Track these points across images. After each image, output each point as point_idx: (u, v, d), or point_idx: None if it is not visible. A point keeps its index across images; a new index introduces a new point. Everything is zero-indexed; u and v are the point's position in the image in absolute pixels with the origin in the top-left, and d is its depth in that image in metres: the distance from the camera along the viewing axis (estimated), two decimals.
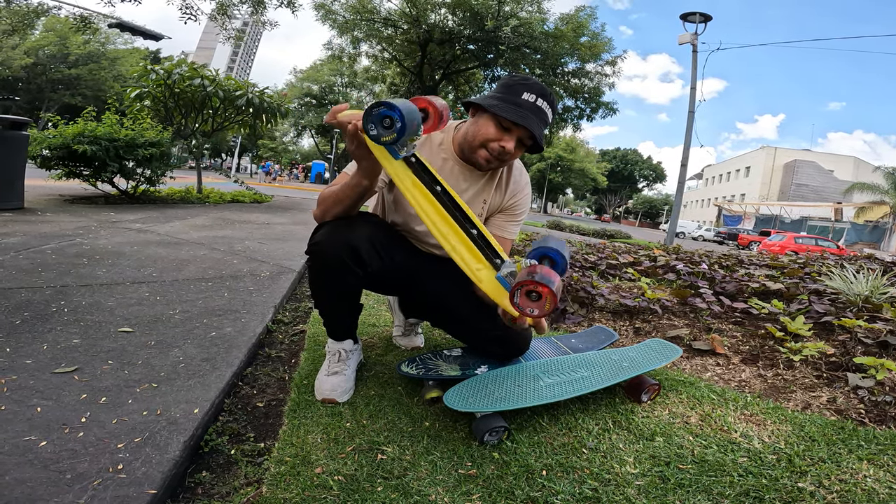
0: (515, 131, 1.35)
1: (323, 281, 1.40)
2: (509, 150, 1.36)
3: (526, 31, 16.40)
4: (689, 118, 12.47)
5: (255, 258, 3.30)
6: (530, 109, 1.33)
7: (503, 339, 1.54)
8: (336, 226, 1.34)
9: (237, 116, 8.48)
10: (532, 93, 1.34)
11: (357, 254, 1.31)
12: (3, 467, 0.95)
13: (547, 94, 1.36)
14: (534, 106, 1.33)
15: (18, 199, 4.71)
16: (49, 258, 2.68)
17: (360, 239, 1.32)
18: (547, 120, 1.37)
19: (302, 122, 43.25)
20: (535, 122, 1.33)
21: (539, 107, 1.34)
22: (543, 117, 1.36)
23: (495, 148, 1.36)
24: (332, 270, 1.34)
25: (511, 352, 1.59)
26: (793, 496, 1.07)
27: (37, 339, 1.58)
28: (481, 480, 1.10)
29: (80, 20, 11.02)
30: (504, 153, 1.37)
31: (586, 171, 54.71)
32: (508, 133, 1.36)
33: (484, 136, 1.37)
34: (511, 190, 1.56)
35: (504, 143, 1.35)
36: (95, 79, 36.76)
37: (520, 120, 1.31)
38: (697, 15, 12.27)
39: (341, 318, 1.52)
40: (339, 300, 1.44)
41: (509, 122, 1.33)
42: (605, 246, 5.86)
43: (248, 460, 1.14)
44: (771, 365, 1.94)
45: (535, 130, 1.32)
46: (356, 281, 1.38)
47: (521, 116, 1.32)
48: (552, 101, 1.38)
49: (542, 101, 1.34)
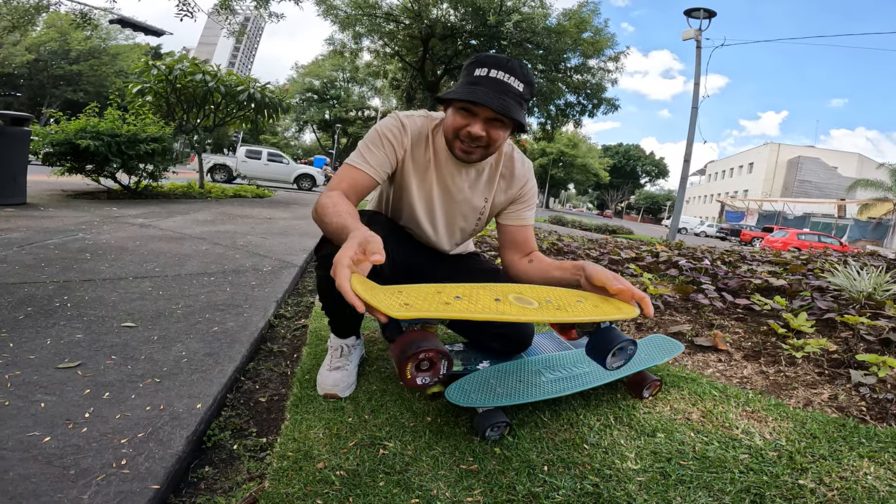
0: (478, 112, 1.26)
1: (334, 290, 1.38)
2: (478, 134, 1.27)
3: (528, 27, 16.33)
4: (693, 114, 12.42)
5: (257, 253, 3.30)
6: (484, 83, 1.23)
7: (504, 335, 1.54)
8: None
9: (239, 112, 8.48)
10: (484, 66, 1.24)
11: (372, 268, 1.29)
12: (8, 463, 0.96)
13: (502, 63, 1.25)
14: (487, 79, 1.23)
15: (21, 194, 4.72)
16: (52, 253, 2.68)
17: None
18: (510, 89, 1.24)
19: (303, 117, 43.23)
20: (492, 95, 1.22)
21: (494, 78, 1.23)
22: (503, 87, 1.23)
23: (465, 135, 1.29)
24: None
25: (512, 348, 1.58)
26: (793, 493, 1.08)
27: (40, 335, 1.59)
28: (483, 475, 1.11)
29: (81, 16, 11.01)
30: (475, 138, 1.28)
31: (588, 166, 54.57)
32: (472, 116, 1.27)
33: (451, 126, 1.31)
34: (516, 182, 1.53)
35: (470, 128, 1.27)
36: (97, 75, 36.76)
37: (469, 97, 1.22)
38: (702, 11, 12.20)
39: (348, 319, 1.52)
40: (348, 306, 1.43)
41: (465, 103, 1.25)
42: (608, 241, 5.86)
43: (250, 455, 1.15)
44: (773, 362, 1.94)
45: (490, 103, 1.21)
46: None
47: (471, 93, 1.22)
48: (512, 67, 1.25)
49: (497, 72, 1.23)
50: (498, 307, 1.00)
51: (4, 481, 0.91)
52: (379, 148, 1.37)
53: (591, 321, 1.11)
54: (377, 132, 1.39)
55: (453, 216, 1.55)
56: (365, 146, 1.38)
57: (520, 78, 1.26)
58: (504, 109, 1.22)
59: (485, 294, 1.06)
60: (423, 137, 1.44)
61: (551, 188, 59.32)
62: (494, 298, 1.04)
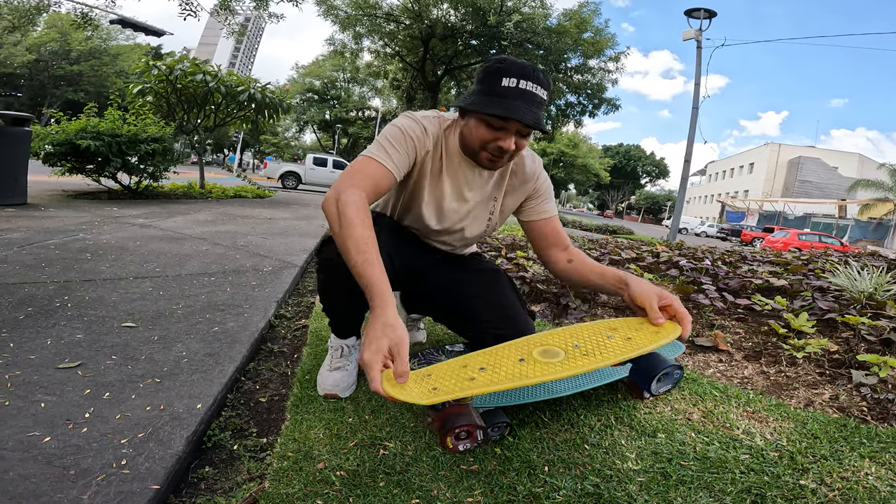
0: (508, 126, 1.24)
1: (336, 293, 1.38)
2: (508, 148, 1.25)
3: (529, 27, 16.34)
4: (693, 114, 12.42)
5: (257, 253, 3.30)
6: (515, 96, 1.20)
7: (505, 336, 1.53)
8: None
9: (239, 112, 8.49)
10: (511, 76, 1.20)
11: None
12: (8, 463, 0.96)
13: (529, 72, 1.21)
14: (517, 91, 1.20)
15: (22, 194, 4.73)
16: (52, 253, 2.68)
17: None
18: (538, 99, 1.22)
19: (304, 117, 43.26)
20: (524, 109, 1.20)
21: (523, 90, 1.20)
22: (533, 98, 1.21)
23: (494, 148, 1.27)
24: (346, 284, 1.30)
25: None
26: (794, 493, 1.07)
27: (40, 335, 1.59)
28: (483, 476, 1.10)
29: (82, 17, 11.02)
30: (504, 151, 1.27)
31: (589, 166, 54.53)
32: (501, 130, 1.24)
33: (478, 139, 1.28)
34: (527, 180, 1.50)
35: (500, 143, 1.25)
36: (98, 75, 36.84)
37: (505, 113, 1.19)
38: (702, 11, 12.20)
39: (349, 320, 1.51)
40: (350, 308, 1.44)
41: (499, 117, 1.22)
42: (608, 241, 5.85)
43: (250, 455, 1.15)
44: (774, 362, 1.93)
45: (526, 119, 1.19)
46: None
47: (505, 109, 1.20)
48: (538, 76, 1.22)
49: (525, 83, 1.20)
50: (522, 370, 1.00)
51: (4, 481, 0.90)
52: (402, 146, 1.31)
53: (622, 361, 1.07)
54: (400, 130, 1.32)
55: (464, 218, 1.51)
56: (386, 141, 1.30)
57: (543, 86, 1.24)
58: (538, 123, 1.20)
59: (509, 356, 1.06)
60: (438, 140, 1.40)
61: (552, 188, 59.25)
62: (519, 359, 1.04)
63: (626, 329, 1.14)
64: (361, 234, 1.10)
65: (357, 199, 1.15)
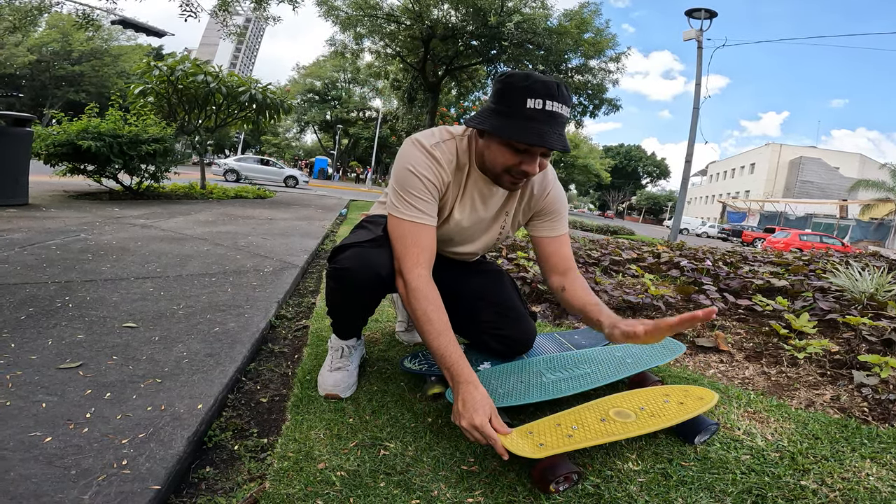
0: (534, 151, 1.19)
1: (344, 300, 1.38)
2: (533, 173, 1.21)
3: (529, 27, 16.32)
4: (694, 114, 12.41)
5: (258, 254, 3.30)
6: (542, 121, 1.14)
7: (507, 336, 1.53)
8: (363, 252, 1.29)
9: (240, 112, 8.50)
10: (538, 97, 1.13)
11: (383, 281, 1.29)
12: (9, 463, 0.96)
13: (553, 92, 1.14)
14: (544, 113, 1.13)
15: (23, 195, 4.73)
16: (54, 254, 2.69)
17: (388, 266, 1.28)
18: (563, 120, 1.17)
19: (305, 118, 43.29)
20: (553, 135, 1.14)
21: (550, 112, 1.13)
22: (559, 119, 1.16)
23: (518, 172, 1.22)
24: (357, 294, 1.33)
25: (515, 349, 1.58)
26: (795, 494, 1.07)
27: (42, 335, 1.59)
28: (483, 476, 1.11)
29: (83, 17, 11.03)
30: (529, 175, 1.24)
31: (590, 167, 54.50)
32: (526, 153, 1.19)
33: (502, 163, 1.23)
34: (538, 193, 1.45)
35: (525, 167, 1.20)
36: (99, 75, 36.89)
37: (535, 141, 1.14)
38: (703, 11, 12.19)
39: (353, 324, 1.51)
40: (357, 314, 1.45)
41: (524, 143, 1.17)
42: (609, 242, 5.85)
43: (251, 456, 1.15)
44: (775, 362, 1.93)
45: (555, 145, 1.14)
46: (378, 300, 1.39)
47: (534, 135, 1.14)
48: (562, 93, 1.15)
49: (552, 103, 1.13)
50: (607, 428, 1.17)
51: (5, 481, 0.91)
52: (426, 193, 1.28)
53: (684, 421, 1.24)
54: (416, 177, 1.27)
55: (478, 232, 1.49)
56: (409, 195, 1.27)
57: (567, 103, 1.17)
58: (566, 147, 1.15)
59: (591, 416, 1.23)
60: (453, 161, 1.34)
61: None
62: (600, 419, 1.21)
63: (675, 395, 1.36)
64: (438, 318, 1.22)
65: (422, 285, 1.24)
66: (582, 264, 3.74)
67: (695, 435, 1.26)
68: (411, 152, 1.30)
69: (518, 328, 1.52)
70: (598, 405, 1.29)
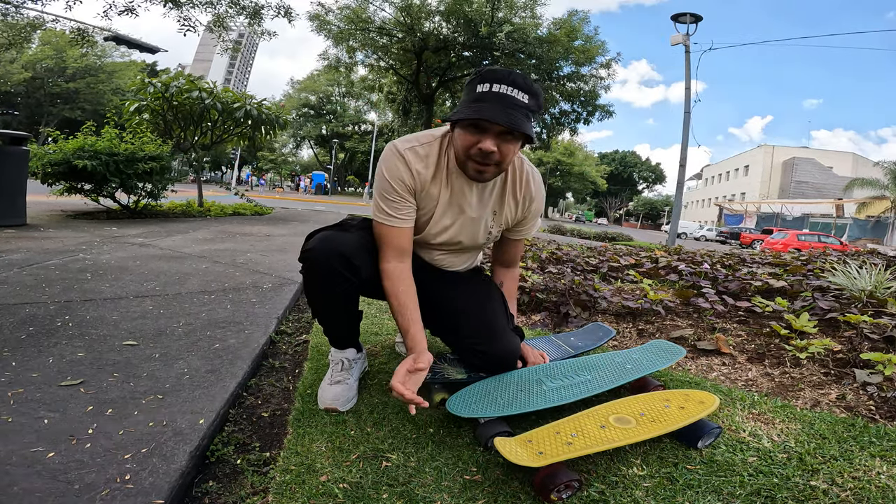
0: (487, 128, 1.24)
1: (316, 288, 1.40)
2: (489, 149, 1.24)
3: (520, 37, 16.46)
4: (686, 118, 12.50)
5: (257, 270, 3.30)
6: (489, 99, 1.20)
7: (484, 352, 1.48)
8: (328, 234, 1.37)
9: (236, 129, 8.50)
10: (486, 82, 1.22)
11: (348, 261, 1.33)
12: (12, 478, 0.95)
13: (505, 76, 1.22)
14: (491, 94, 1.20)
15: (21, 215, 4.72)
16: (53, 274, 2.68)
17: (351, 246, 1.35)
18: (516, 102, 1.21)
19: (301, 132, 43.47)
20: (499, 110, 1.19)
21: (497, 92, 1.20)
22: (509, 101, 1.20)
23: (476, 153, 1.26)
24: (324, 277, 1.35)
25: (492, 365, 1.51)
26: (805, 494, 1.07)
27: (42, 353, 1.58)
28: (486, 486, 1.10)
29: (79, 33, 11.05)
30: (487, 154, 1.25)
31: (586, 174, 54.77)
32: (482, 132, 1.24)
33: (462, 146, 1.28)
34: (527, 199, 1.51)
35: (481, 145, 1.24)
36: (94, 92, 36.98)
37: (476, 114, 1.20)
38: (688, 15, 12.32)
39: (339, 325, 1.51)
40: (334, 307, 1.44)
41: (474, 121, 1.23)
42: (607, 249, 5.86)
43: (253, 469, 1.14)
44: (777, 363, 1.93)
45: (499, 119, 1.18)
46: (348, 287, 1.38)
47: (478, 110, 1.20)
48: (515, 80, 1.22)
49: (500, 86, 1.20)
50: (607, 435, 1.17)
51: (9, 496, 0.90)
52: (399, 196, 1.37)
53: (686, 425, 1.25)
54: (388, 182, 1.37)
55: (465, 234, 1.51)
56: (383, 198, 1.38)
57: (524, 90, 1.22)
58: (512, 123, 1.19)
59: (591, 423, 1.23)
60: (433, 161, 1.40)
61: (549, 198, 59.44)
62: (600, 426, 1.22)
63: (675, 399, 1.36)
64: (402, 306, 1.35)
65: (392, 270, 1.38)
66: (580, 272, 3.74)
67: (697, 439, 1.25)
68: (386, 157, 1.40)
69: (497, 345, 1.48)
70: (597, 412, 1.30)
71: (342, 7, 17.59)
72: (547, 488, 1.04)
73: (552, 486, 1.03)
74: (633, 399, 1.38)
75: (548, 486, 1.04)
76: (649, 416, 1.26)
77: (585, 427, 1.21)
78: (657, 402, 1.35)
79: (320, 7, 17.45)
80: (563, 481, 1.04)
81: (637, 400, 1.37)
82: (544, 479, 1.05)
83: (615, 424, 1.22)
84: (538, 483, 1.06)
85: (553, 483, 1.04)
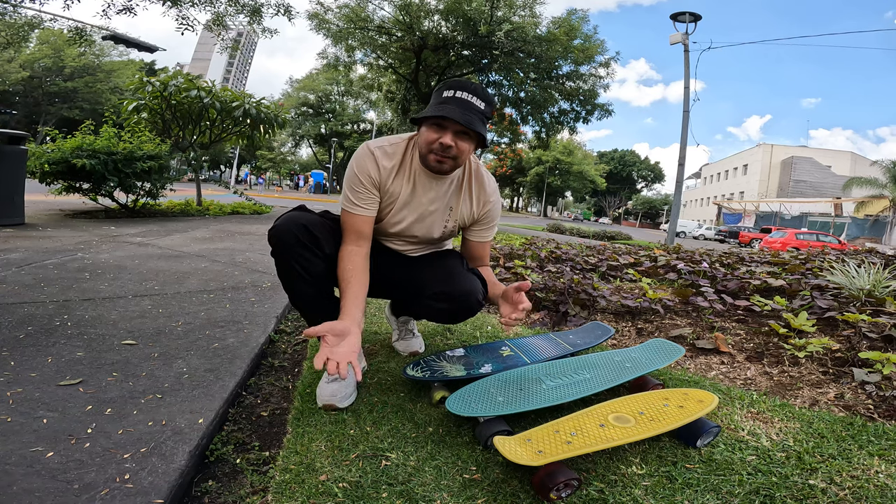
0: (447, 126, 1.42)
1: (284, 264, 1.49)
2: (448, 144, 1.42)
3: (519, 36, 16.41)
4: (685, 118, 12.50)
5: (256, 269, 3.30)
6: (452, 102, 1.42)
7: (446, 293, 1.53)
8: (292, 213, 1.50)
9: (235, 128, 8.48)
10: (451, 89, 1.46)
11: (309, 231, 1.45)
12: (11, 478, 0.95)
13: (467, 85, 1.46)
14: (454, 98, 1.42)
15: (19, 214, 4.72)
16: (51, 273, 2.68)
17: (312, 221, 1.47)
18: (473, 108, 1.42)
19: (299, 131, 43.37)
20: (459, 112, 1.39)
21: (459, 98, 1.42)
22: (469, 106, 1.42)
23: (437, 147, 1.43)
24: (289, 248, 1.44)
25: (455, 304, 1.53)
26: (804, 493, 1.07)
27: (41, 353, 1.58)
28: (486, 484, 1.10)
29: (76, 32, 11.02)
30: (446, 148, 1.43)
31: (585, 173, 54.69)
32: (443, 130, 1.43)
33: (425, 141, 1.45)
34: (481, 199, 1.65)
35: (442, 140, 1.42)
36: (92, 91, 36.87)
37: (439, 112, 1.39)
38: (687, 15, 12.32)
39: (315, 307, 1.53)
40: (303, 284, 1.49)
41: (436, 118, 1.41)
42: (606, 248, 5.86)
43: (253, 469, 1.14)
44: (776, 362, 1.93)
45: (458, 118, 1.37)
46: (313, 258, 1.46)
47: (440, 110, 1.40)
48: (474, 89, 1.46)
49: (461, 93, 1.43)
50: (606, 434, 1.18)
51: (9, 495, 0.90)
52: (362, 187, 1.52)
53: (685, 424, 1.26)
54: (354, 174, 1.53)
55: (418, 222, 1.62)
56: (350, 189, 1.53)
57: (481, 97, 1.45)
58: (469, 123, 1.39)
59: (590, 422, 1.24)
60: (398, 159, 1.56)
61: (549, 196, 59.43)
62: (599, 424, 1.23)
63: (674, 398, 1.37)
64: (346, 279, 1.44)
65: (348, 253, 1.50)
66: (580, 270, 3.75)
67: (696, 438, 1.26)
68: (358, 154, 1.56)
69: (457, 285, 1.54)
70: (597, 411, 1.30)
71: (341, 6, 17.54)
72: (546, 487, 1.04)
73: (552, 484, 1.04)
74: (632, 398, 1.38)
75: (547, 484, 1.04)
76: (648, 415, 1.27)
77: (585, 426, 1.22)
78: (656, 400, 1.36)
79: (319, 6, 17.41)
80: (563, 480, 1.04)
81: (636, 399, 1.37)
82: (544, 478, 1.05)
83: (614, 423, 1.23)
84: (537, 482, 1.06)
85: (552, 482, 1.04)
